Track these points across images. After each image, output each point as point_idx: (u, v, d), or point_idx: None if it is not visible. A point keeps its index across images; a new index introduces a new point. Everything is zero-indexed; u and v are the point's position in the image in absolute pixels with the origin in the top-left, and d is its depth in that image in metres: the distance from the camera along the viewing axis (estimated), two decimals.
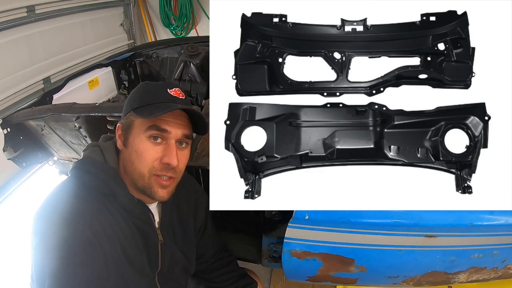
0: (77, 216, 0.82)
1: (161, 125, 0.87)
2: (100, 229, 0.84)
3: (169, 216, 1.04)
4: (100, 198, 0.88)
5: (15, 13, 2.11)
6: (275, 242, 1.41)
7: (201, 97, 1.93)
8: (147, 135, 0.87)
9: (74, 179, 0.90)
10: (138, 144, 0.88)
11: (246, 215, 1.58)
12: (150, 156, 0.87)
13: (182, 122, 0.90)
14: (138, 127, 0.88)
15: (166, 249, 1.01)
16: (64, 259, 0.78)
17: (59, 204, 0.85)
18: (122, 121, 0.93)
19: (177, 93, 0.91)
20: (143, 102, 0.88)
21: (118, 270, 0.87)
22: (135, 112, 0.88)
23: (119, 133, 0.93)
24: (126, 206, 0.91)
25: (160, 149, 0.88)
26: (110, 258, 0.85)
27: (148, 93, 0.91)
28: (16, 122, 1.65)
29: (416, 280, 1.28)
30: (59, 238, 0.79)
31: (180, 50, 2.29)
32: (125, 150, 0.91)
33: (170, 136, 0.88)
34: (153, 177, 0.88)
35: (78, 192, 0.87)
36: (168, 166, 0.87)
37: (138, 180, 0.89)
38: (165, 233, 1.01)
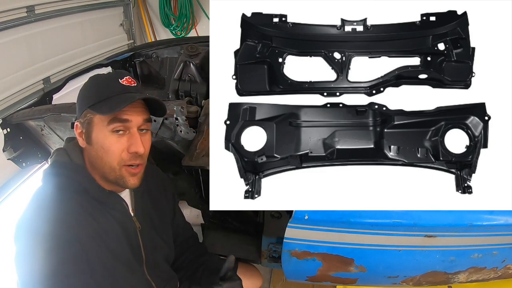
0: (56, 221, 0.83)
1: (122, 116, 0.88)
2: (80, 230, 0.85)
3: (142, 202, 1.05)
4: (75, 198, 0.89)
5: (15, 13, 2.10)
6: (275, 242, 1.41)
7: (201, 97, 1.92)
8: (109, 129, 0.88)
9: (46, 185, 0.91)
10: (103, 140, 0.89)
11: (246, 215, 1.58)
12: (117, 149, 0.89)
13: (140, 109, 0.91)
14: (99, 123, 0.89)
15: (145, 236, 1.02)
16: (47, 266, 0.79)
17: (37, 211, 0.86)
18: (80, 119, 0.93)
19: (129, 81, 0.92)
20: (98, 97, 0.89)
21: (106, 268, 0.88)
22: (92, 109, 0.89)
23: (79, 132, 0.93)
24: (99, 198, 0.93)
25: (124, 140, 0.89)
26: (96, 258, 0.86)
27: (101, 87, 0.91)
28: (16, 122, 1.65)
29: (416, 280, 1.28)
30: (41, 244, 0.80)
31: (180, 50, 2.29)
32: (90, 147, 0.92)
33: (132, 125, 0.90)
34: (123, 168, 0.90)
35: (53, 196, 0.88)
36: (136, 154, 0.90)
37: (109, 173, 0.91)
38: (141, 219, 1.02)
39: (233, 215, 1.61)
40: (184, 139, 1.39)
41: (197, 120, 1.46)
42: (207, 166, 1.20)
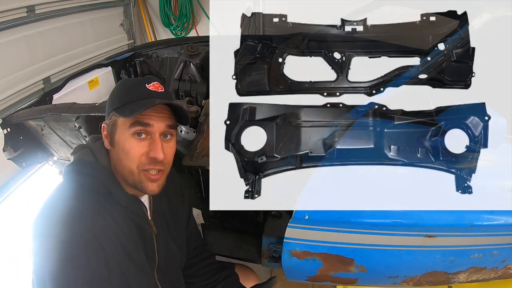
0: (76, 218, 0.83)
1: (143, 120, 0.88)
2: (100, 230, 0.85)
3: (160, 207, 1.05)
4: (96, 198, 0.89)
5: (15, 13, 2.10)
6: (275, 242, 1.41)
7: (201, 97, 1.92)
8: (131, 132, 0.89)
9: (69, 182, 0.91)
10: (124, 142, 0.89)
11: (246, 215, 1.58)
12: (137, 152, 0.89)
13: (163, 114, 0.91)
14: (122, 126, 0.90)
15: (160, 240, 1.02)
16: (64, 261, 0.78)
17: (57, 207, 0.85)
18: (106, 121, 0.94)
19: (155, 87, 0.92)
20: (123, 100, 0.90)
21: (121, 269, 0.88)
22: (116, 111, 0.89)
23: (105, 134, 0.95)
24: (122, 202, 0.92)
25: (145, 144, 0.89)
26: (112, 259, 0.86)
27: (127, 91, 0.92)
28: (16, 122, 1.65)
29: (416, 280, 1.28)
30: (59, 240, 0.80)
31: (180, 50, 2.29)
32: (113, 149, 0.93)
33: (154, 130, 0.90)
34: (142, 172, 0.90)
35: (75, 194, 0.88)
36: (155, 160, 0.89)
37: (128, 177, 0.91)
38: (158, 224, 1.03)
39: (233, 215, 1.61)
40: (184, 139, 1.39)
41: (197, 120, 1.46)
42: (207, 166, 1.20)
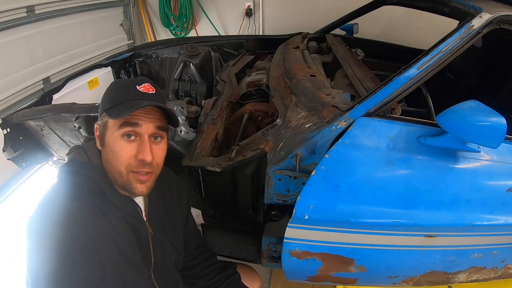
0: (71, 218, 0.83)
1: (132, 120, 0.88)
2: (94, 231, 0.85)
3: (156, 208, 1.05)
4: (90, 197, 0.89)
5: (15, 13, 2.11)
6: (275, 242, 1.41)
7: (201, 97, 1.92)
8: (120, 133, 0.89)
9: (63, 182, 0.91)
10: (113, 143, 0.89)
11: (246, 215, 1.58)
12: (125, 154, 0.89)
13: (153, 116, 0.91)
14: (112, 127, 0.90)
15: (156, 241, 1.02)
16: (59, 260, 0.79)
17: (52, 207, 0.85)
18: (98, 122, 0.94)
19: (146, 88, 0.92)
20: (114, 102, 0.90)
21: (115, 270, 0.88)
22: (106, 113, 0.89)
23: (97, 134, 0.95)
24: (115, 202, 0.93)
25: (134, 146, 0.89)
26: (106, 259, 0.86)
27: (118, 92, 0.92)
28: (16, 122, 1.64)
29: (416, 280, 1.28)
30: (54, 239, 0.80)
31: (179, 50, 2.29)
32: (104, 150, 0.93)
33: (143, 131, 0.89)
34: (131, 174, 0.90)
35: (69, 194, 0.88)
36: (143, 162, 0.89)
37: (117, 178, 0.91)
38: (153, 225, 1.03)
39: (233, 215, 1.60)
40: (184, 139, 1.39)
41: (197, 120, 1.46)
42: (207, 166, 1.20)
